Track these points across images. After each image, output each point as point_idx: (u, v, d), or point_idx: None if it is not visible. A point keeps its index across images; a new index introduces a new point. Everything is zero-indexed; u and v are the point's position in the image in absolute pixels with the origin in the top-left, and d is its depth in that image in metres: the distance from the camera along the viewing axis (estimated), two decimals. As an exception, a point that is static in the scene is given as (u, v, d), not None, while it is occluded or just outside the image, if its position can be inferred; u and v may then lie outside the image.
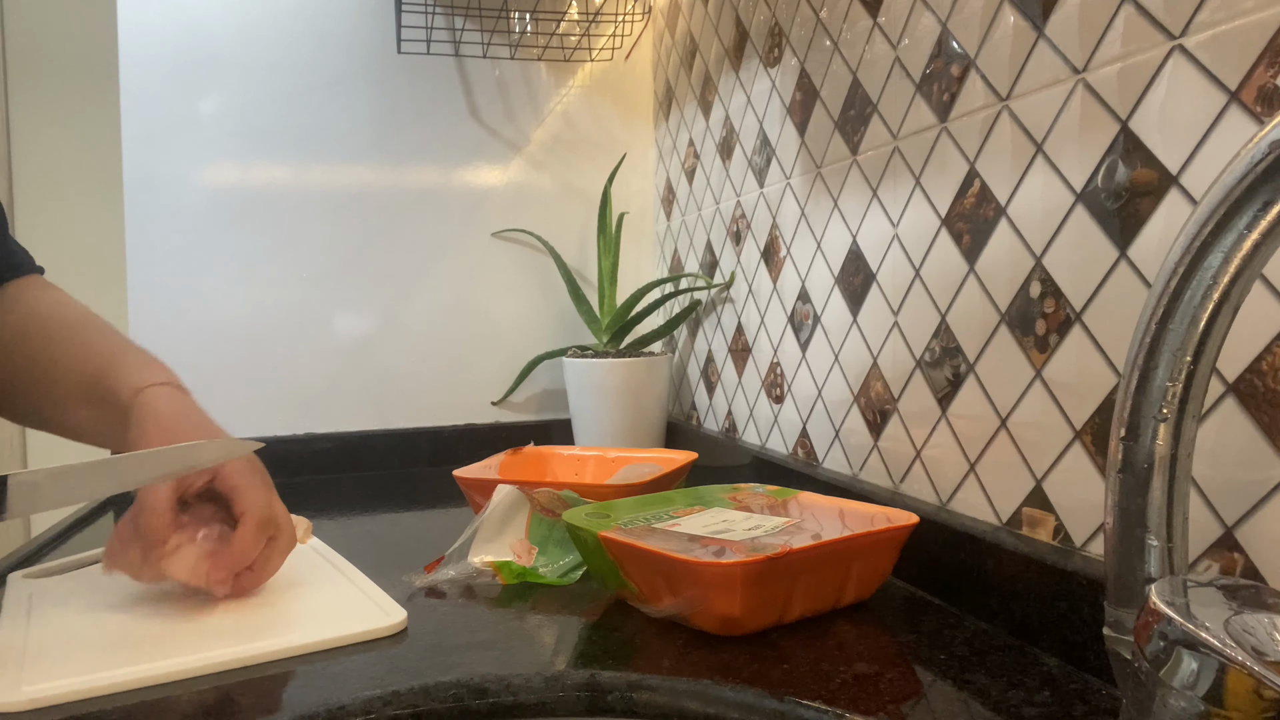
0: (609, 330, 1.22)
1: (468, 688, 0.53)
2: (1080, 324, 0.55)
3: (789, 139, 0.92)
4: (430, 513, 0.99)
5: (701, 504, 0.73)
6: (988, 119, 0.63)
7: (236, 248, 1.19)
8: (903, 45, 0.72)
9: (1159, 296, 0.34)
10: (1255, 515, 0.45)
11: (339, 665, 0.55)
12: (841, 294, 0.83)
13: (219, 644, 0.57)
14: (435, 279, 1.28)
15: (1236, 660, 0.28)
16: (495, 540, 0.73)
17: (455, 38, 1.26)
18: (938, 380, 0.69)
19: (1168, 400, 0.35)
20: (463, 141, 1.28)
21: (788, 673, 0.53)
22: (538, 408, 1.33)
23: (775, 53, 0.95)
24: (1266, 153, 0.30)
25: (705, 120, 1.15)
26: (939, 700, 0.49)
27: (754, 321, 1.02)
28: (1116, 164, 0.52)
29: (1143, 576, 0.37)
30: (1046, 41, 0.57)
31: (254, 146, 1.19)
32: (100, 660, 0.54)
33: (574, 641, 0.59)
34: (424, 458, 1.27)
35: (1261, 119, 0.44)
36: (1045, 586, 0.55)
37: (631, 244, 1.36)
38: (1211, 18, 0.46)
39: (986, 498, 0.64)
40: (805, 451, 0.91)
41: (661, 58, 1.32)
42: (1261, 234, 0.31)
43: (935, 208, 0.69)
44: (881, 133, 0.76)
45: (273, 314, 1.21)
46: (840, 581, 0.62)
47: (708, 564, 0.56)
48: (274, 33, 1.19)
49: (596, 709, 0.54)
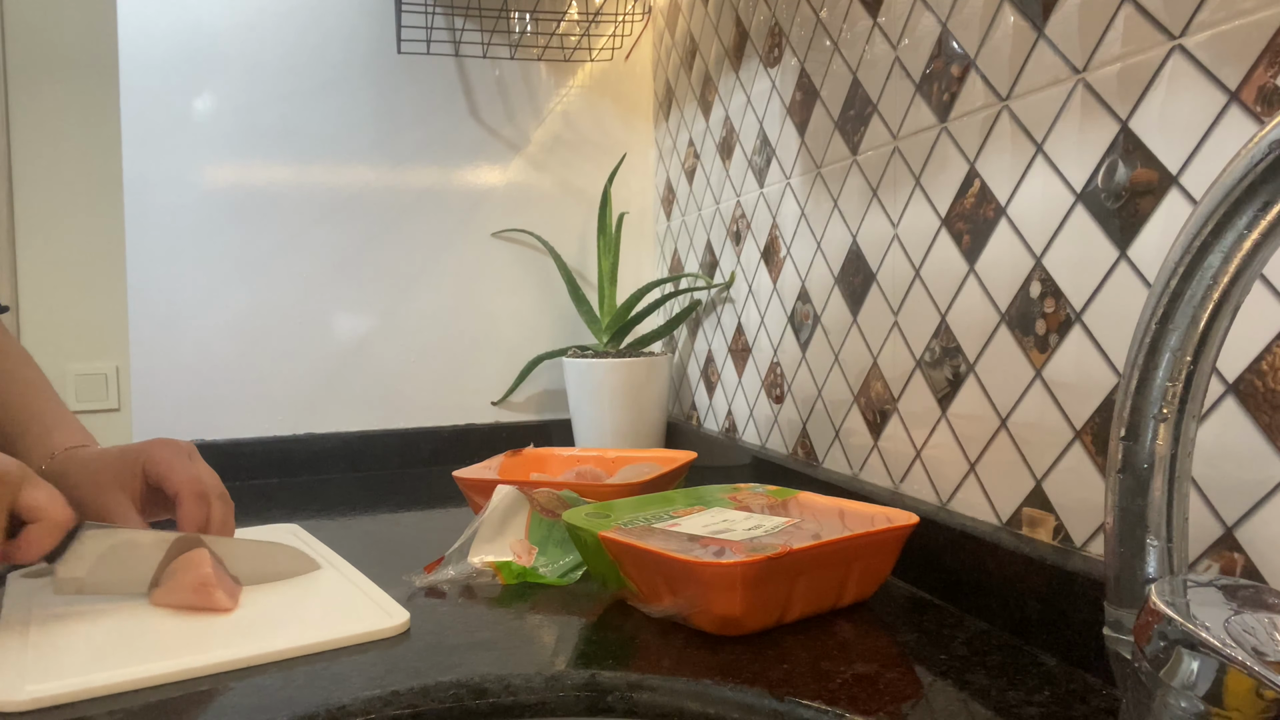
0: (609, 330, 1.22)
1: (468, 688, 0.53)
2: (1080, 324, 0.55)
3: (789, 139, 0.92)
4: (430, 513, 0.99)
5: (701, 504, 0.73)
6: (988, 119, 0.63)
7: (236, 248, 1.19)
8: (903, 45, 0.72)
9: (1159, 296, 0.34)
10: (1255, 515, 0.45)
11: (339, 665, 0.55)
12: (841, 294, 0.83)
13: (221, 644, 0.57)
14: (435, 279, 1.28)
15: (1236, 660, 0.28)
16: (495, 540, 0.73)
17: (455, 38, 1.26)
18: (938, 380, 0.69)
19: (1168, 400, 0.35)
20: (463, 141, 1.28)
21: (788, 673, 0.53)
22: (538, 408, 1.33)
23: (775, 53, 0.95)
24: (1266, 153, 0.30)
25: (705, 120, 1.15)
26: (939, 700, 0.49)
27: (754, 321, 1.02)
28: (1116, 164, 0.52)
29: (1143, 576, 0.37)
30: (1046, 41, 0.57)
31: (254, 146, 1.19)
32: (102, 660, 0.54)
33: (574, 642, 0.59)
34: (424, 458, 1.27)
35: (1261, 119, 0.44)
36: (1045, 586, 0.55)
37: (631, 244, 1.36)
38: (1211, 18, 0.46)
39: (986, 498, 0.64)
40: (805, 451, 0.91)
41: (661, 58, 1.32)
42: (1261, 234, 0.31)
43: (935, 208, 0.69)
44: (881, 133, 0.76)
45: (273, 314, 1.21)
46: (840, 581, 0.62)
47: (708, 564, 0.56)
48: (274, 33, 1.19)
49: (596, 709, 0.54)
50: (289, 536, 0.84)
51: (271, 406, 1.21)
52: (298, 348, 1.22)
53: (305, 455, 1.21)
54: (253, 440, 1.19)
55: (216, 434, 1.18)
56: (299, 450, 1.21)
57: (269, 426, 1.21)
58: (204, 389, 1.18)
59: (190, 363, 1.18)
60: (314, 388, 1.23)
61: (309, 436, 1.22)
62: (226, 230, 1.19)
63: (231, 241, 1.19)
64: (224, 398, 1.19)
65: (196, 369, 1.18)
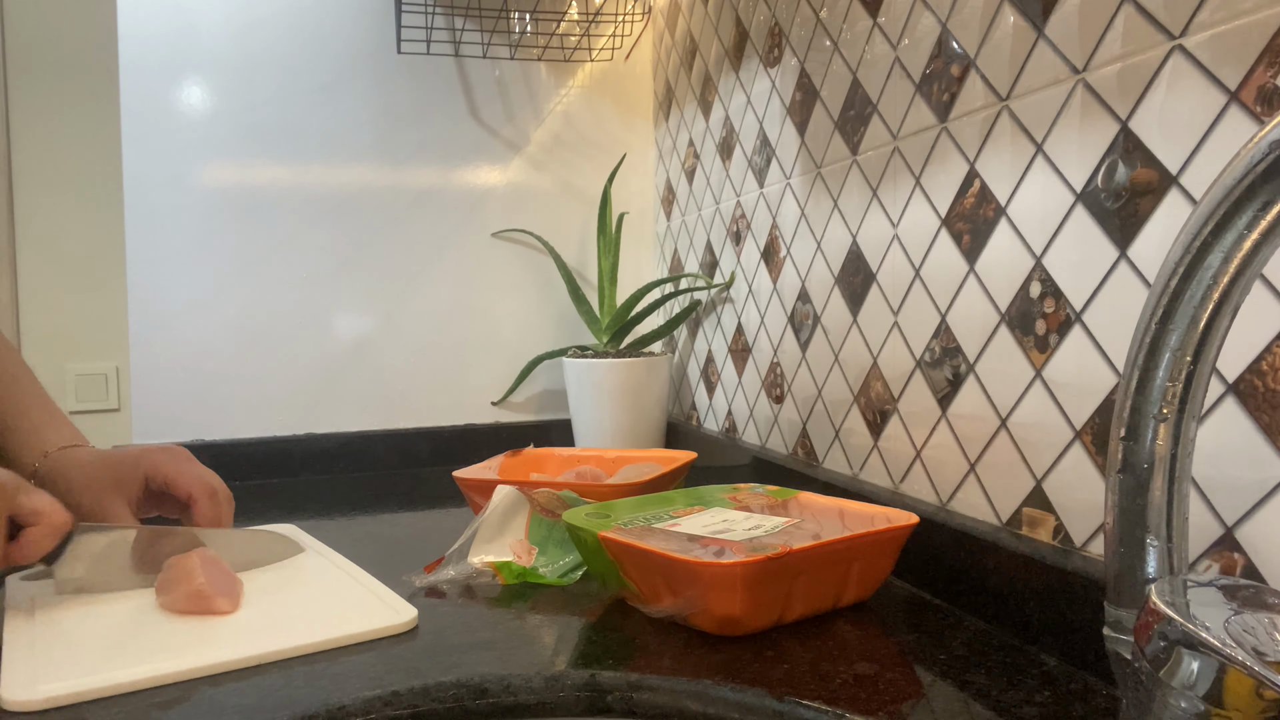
0: (609, 330, 1.22)
1: (468, 688, 0.53)
2: (1080, 324, 0.55)
3: (789, 139, 0.92)
4: (430, 513, 0.99)
5: (701, 504, 0.73)
6: (988, 119, 0.63)
7: (236, 248, 1.19)
8: (903, 45, 0.72)
9: (1159, 296, 0.34)
10: (1255, 515, 0.45)
11: (339, 665, 0.55)
12: (841, 294, 0.83)
13: (225, 644, 0.57)
14: (435, 279, 1.28)
15: (1236, 660, 0.28)
16: (495, 540, 0.73)
17: (455, 38, 1.26)
18: (938, 380, 0.69)
19: (1168, 400, 0.35)
20: (463, 141, 1.28)
21: (788, 673, 0.53)
22: (538, 408, 1.33)
23: (775, 53, 0.95)
24: (1266, 153, 0.30)
25: (705, 120, 1.15)
26: (939, 700, 0.49)
27: (754, 321, 1.02)
28: (1116, 164, 0.52)
29: (1143, 576, 0.37)
30: (1046, 41, 0.57)
31: (254, 146, 1.19)
32: (109, 660, 0.55)
33: (574, 642, 0.59)
34: (424, 458, 1.26)
35: (1261, 119, 0.44)
36: (1045, 586, 0.55)
37: (631, 244, 1.36)
38: (1211, 18, 0.46)
39: (986, 498, 0.64)
40: (805, 451, 0.91)
41: (661, 58, 1.32)
42: (1261, 234, 0.31)
43: (935, 208, 0.69)
44: (881, 133, 0.76)
45: (273, 314, 1.21)
46: (840, 581, 0.62)
47: (708, 564, 0.56)
48: (274, 33, 1.19)
49: (596, 709, 0.54)
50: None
51: (271, 406, 1.21)
52: (298, 348, 1.22)
53: (305, 455, 1.21)
54: (253, 440, 1.19)
55: (216, 434, 1.18)
56: (299, 450, 1.21)
57: (269, 426, 1.21)
58: (204, 389, 1.18)
59: (190, 363, 1.18)
60: (314, 388, 1.23)
61: (309, 436, 1.22)
62: (227, 230, 1.19)
63: (232, 241, 1.19)
64: (224, 398, 1.19)
65: (196, 369, 1.18)
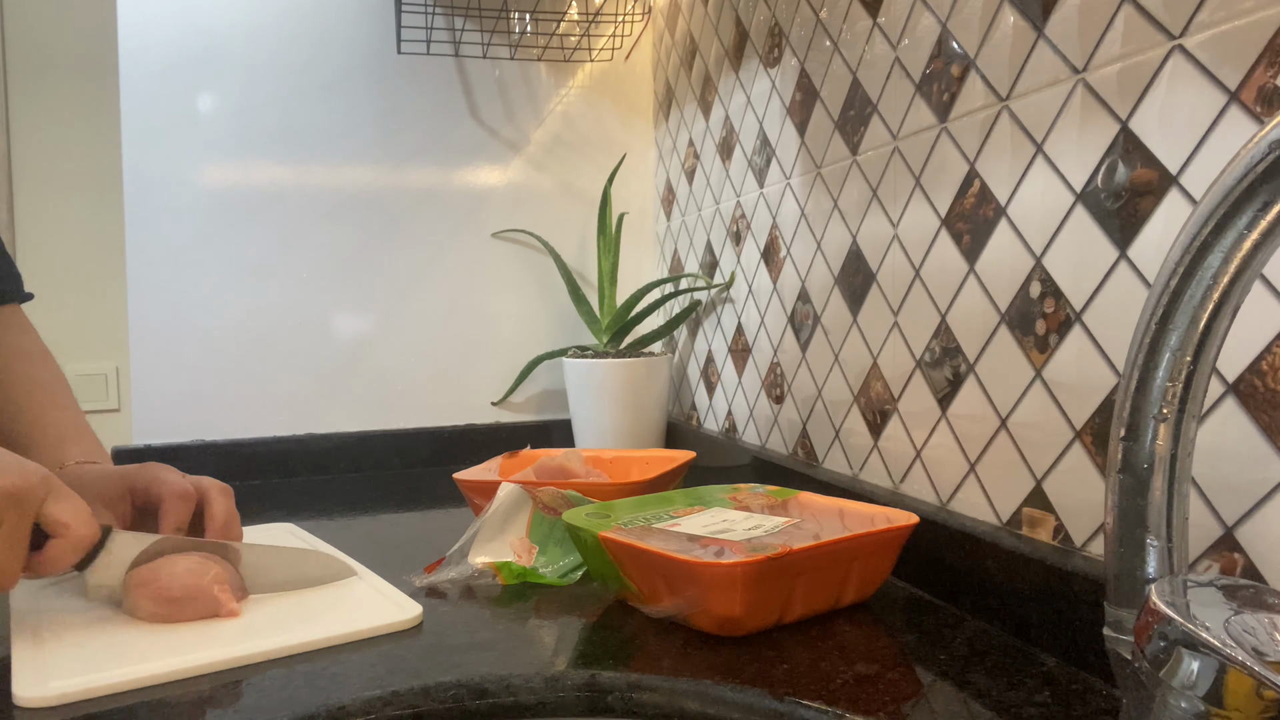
0: (609, 330, 1.22)
1: (468, 688, 0.53)
2: (1080, 324, 0.55)
3: (789, 139, 0.92)
4: (430, 513, 0.99)
5: (701, 504, 0.73)
6: (988, 119, 0.63)
7: (236, 248, 1.19)
8: (903, 45, 0.72)
9: (1159, 296, 0.34)
10: (1255, 515, 0.45)
11: (339, 665, 0.55)
12: (841, 294, 0.83)
13: (229, 643, 0.57)
14: (435, 279, 1.28)
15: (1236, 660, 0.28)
16: (496, 540, 0.73)
17: (455, 38, 1.26)
18: (938, 380, 0.69)
19: (1168, 400, 0.35)
20: (463, 141, 1.28)
21: (788, 673, 0.53)
22: (538, 408, 1.33)
23: (775, 53, 0.95)
24: (1266, 153, 0.30)
25: (705, 120, 1.15)
26: (939, 700, 0.49)
27: (754, 321, 1.02)
28: (1116, 164, 0.52)
29: (1143, 576, 0.37)
30: (1046, 41, 0.57)
31: (254, 146, 1.19)
32: (119, 657, 0.55)
33: (574, 642, 0.59)
34: (424, 458, 1.26)
35: (1261, 119, 0.44)
36: (1045, 586, 0.55)
37: (631, 244, 1.36)
38: (1211, 18, 0.46)
39: (986, 498, 0.64)
40: (805, 451, 0.91)
41: (661, 58, 1.32)
42: (1261, 234, 0.31)
43: (935, 208, 0.69)
44: (881, 133, 0.76)
45: (273, 314, 1.21)
46: (840, 582, 0.62)
47: (708, 564, 0.56)
48: (274, 33, 1.19)
49: (596, 709, 0.54)
50: (287, 536, 0.84)
51: (272, 407, 1.21)
52: (298, 348, 1.22)
53: (305, 455, 1.21)
54: (253, 440, 1.19)
55: (216, 434, 1.18)
56: (299, 450, 1.21)
57: (269, 427, 1.21)
58: (204, 389, 1.18)
59: (190, 363, 1.18)
60: (314, 388, 1.23)
61: (309, 437, 1.22)
62: (227, 230, 1.19)
63: (232, 241, 1.19)
64: (224, 398, 1.19)
65: (197, 369, 1.18)
